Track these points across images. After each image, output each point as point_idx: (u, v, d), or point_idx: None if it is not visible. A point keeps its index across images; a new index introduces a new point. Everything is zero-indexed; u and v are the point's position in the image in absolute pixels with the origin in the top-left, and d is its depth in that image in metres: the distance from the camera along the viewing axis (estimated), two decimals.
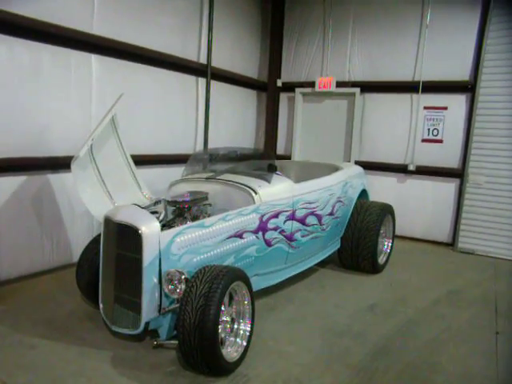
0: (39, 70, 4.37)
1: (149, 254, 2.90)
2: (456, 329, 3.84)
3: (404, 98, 7.09)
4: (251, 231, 3.63)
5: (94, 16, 4.79)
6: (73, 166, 3.42)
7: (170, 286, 2.94)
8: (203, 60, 6.45)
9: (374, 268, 5.12)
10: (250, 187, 3.73)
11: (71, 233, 4.90)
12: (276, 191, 3.89)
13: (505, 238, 6.37)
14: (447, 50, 6.67)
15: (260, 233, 3.71)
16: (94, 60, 4.89)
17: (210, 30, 6.30)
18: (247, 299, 3.12)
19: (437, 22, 6.70)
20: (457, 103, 6.73)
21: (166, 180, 5.79)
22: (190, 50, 6.26)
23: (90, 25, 4.75)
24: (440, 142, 6.86)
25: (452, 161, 6.79)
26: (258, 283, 3.86)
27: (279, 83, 7.89)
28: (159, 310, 3.02)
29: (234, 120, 7.53)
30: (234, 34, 7.18)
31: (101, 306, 3.26)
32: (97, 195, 3.66)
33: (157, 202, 3.97)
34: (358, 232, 5.03)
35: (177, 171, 6.21)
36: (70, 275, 4.63)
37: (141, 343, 3.25)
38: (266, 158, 5.45)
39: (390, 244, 5.51)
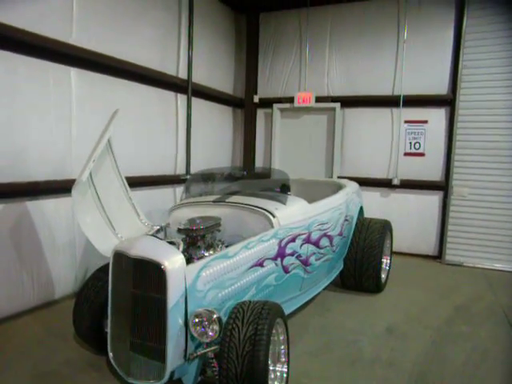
0: (15, 84, 3.91)
1: (174, 293, 2.52)
2: (482, 349, 3.69)
3: (384, 113, 7.08)
4: (271, 258, 3.33)
5: (72, 26, 4.37)
6: (74, 193, 2.98)
7: (199, 329, 2.56)
8: (182, 75, 6.13)
9: (378, 287, 4.94)
10: (267, 210, 3.43)
11: (52, 266, 4.38)
12: (292, 213, 3.62)
13: (491, 248, 6.42)
14: (425, 64, 6.75)
15: (279, 259, 3.42)
16: (74, 74, 4.46)
17: (191, 43, 6.01)
18: (283, 337, 2.80)
19: (414, 37, 6.77)
20: (437, 117, 6.79)
21: (148, 204, 5.43)
22: (169, 64, 5.92)
23: (68, 35, 4.32)
24: (422, 155, 6.89)
25: (434, 173, 6.82)
26: None
27: (256, 99, 7.68)
28: (185, 356, 2.63)
29: (212, 138, 7.22)
30: (209, 49, 6.91)
31: (110, 354, 2.82)
32: (98, 225, 3.23)
33: (159, 230, 3.59)
34: (361, 251, 4.83)
35: (159, 194, 5.85)
36: (54, 315, 4.17)
37: None
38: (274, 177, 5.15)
39: (388, 261, 5.37)
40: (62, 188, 4.35)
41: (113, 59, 4.77)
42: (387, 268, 5.34)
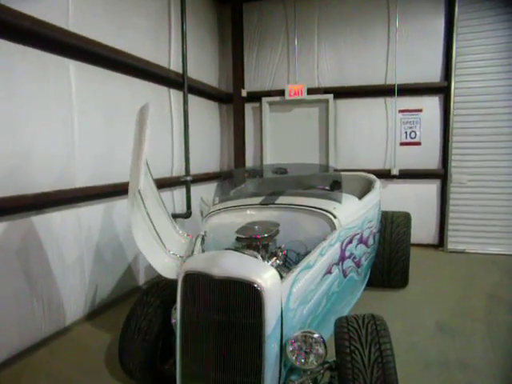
0: (13, 80, 3.33)
1: (271, 317, 2.14)
2: None
3: (378, 103, 6.95)
4: (336, 263, 3.02)
5: (69, 13, 3.81)
6: (129, 203, 2.52)
7: (298, 355, 2.19)
8: (174, 69, 5.64)
9: (405, 282, 4.79)
10: (327, 211, 3.11)
11: (63, 288, 3.85)
12: (349, 212, 3.32)
13: (491, 233, 6.47)
14: (417, 52, 6.66)
15: (340, 263, 3.12)
16: (72, 67, 3.91)
17: (184, 36, 5.53)
18: None
19: (405, 25, 6.66)
20: (431, 105, 6.74)
21: None
22: (162, 57, 5.42)
23: (65, 22, 3.76)
24: (418, 144, 6.82)
25: (432, 162, 6.78)
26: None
27: (244, 93, 7.30)
28: None
29: (202, 135, 6.76)
30: (194, 41, 6.40)
31: None
32: (149, 241, 2.77)
33: (202, 240, 3.18)
34: (388, 246, 4.64)
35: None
36: (71, 346, 3.67)
37: None
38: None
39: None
40: (69, 198, 3.84)
41: (114, 50, 4.26)
42: None
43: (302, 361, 2.18)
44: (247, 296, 2.14)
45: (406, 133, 6.85)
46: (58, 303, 3.80)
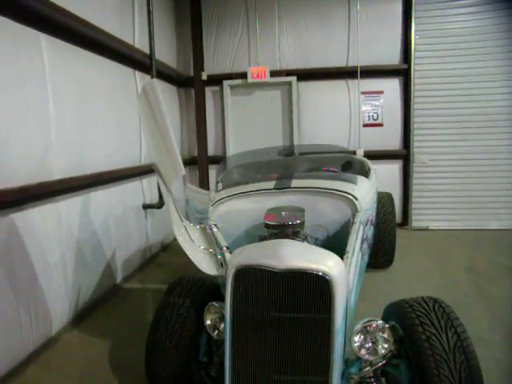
0: None
1: (340, 308, 1.99)
2: None
3: (340, 85, 6.96)
4: (360, 247, 2.93)
5: None
6: (169, 196, 2.22)
7: (366, 348, 2.06)
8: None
9: (391, 261, 4.86)
10: (348, 193, 2.98)
11: (48, 293, 3.40)
12: (364, 193, 3.22)
13: (452, 210, 6.79)
14: (377, 35, 6.73)
15: (361, 246, 3.03)
16: (44, 42, 3.42)
17: (151, 14, 5.09)
18: None
19: (365, 7, 6.69)
20: (391, 87, 6.87)
21: (122, 202, 4.67)
22: (127, 36, 4.97)
23: None
24: (381, 125, 6.94)
25: (394, 143, 6.94)
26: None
27: (204, 76, 6.96)
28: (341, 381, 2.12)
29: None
30: (155, 22, 5.94)
31: None
32: (186, 237, 2.47)
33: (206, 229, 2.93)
34: (376, 227, 4.65)
35: (129, 189, 5.01)
36: (62, 358, 3.28)
37: None
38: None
39: None
40: (49, 192, 3.41)
41: (86, 24, 3.79)
42: None
43: (368, 349, 2.06)
44: (317, 288, 1.96)
45: (368, 114, 6.94)
46: (45, 311, 3.36)
